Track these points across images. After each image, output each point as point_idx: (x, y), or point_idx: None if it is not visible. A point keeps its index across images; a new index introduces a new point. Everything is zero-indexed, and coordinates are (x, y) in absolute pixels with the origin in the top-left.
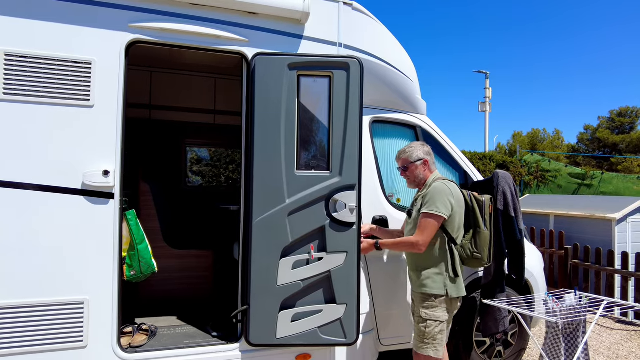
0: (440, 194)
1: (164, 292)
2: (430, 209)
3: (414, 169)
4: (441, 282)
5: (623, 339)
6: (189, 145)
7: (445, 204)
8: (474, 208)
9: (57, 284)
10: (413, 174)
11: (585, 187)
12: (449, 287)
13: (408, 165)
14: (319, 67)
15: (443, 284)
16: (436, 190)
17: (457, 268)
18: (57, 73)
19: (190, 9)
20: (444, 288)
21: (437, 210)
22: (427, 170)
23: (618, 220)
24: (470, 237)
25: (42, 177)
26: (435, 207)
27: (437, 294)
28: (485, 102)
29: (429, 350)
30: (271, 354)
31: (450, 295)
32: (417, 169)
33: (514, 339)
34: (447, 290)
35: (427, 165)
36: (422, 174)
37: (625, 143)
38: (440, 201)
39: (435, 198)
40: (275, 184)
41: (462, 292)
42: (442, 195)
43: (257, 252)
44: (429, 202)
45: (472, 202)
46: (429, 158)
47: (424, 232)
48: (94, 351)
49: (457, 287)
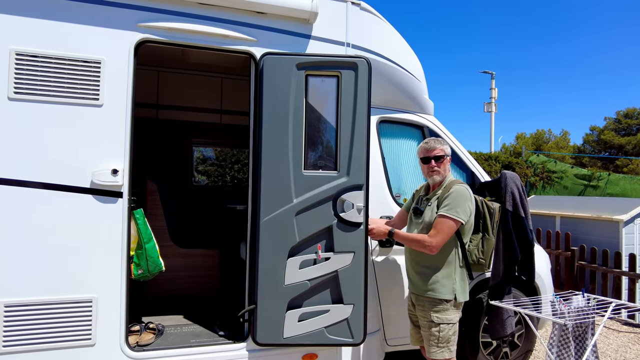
0: (464, 199)
1: (171, 291)
2: (450, 212)
3: (446, 163)
4: (450, 286)
5: (630, 341)
6: (195, 145)
7: (465, 210)
8: (485, 214)
9: (66, 282)
10: (444, 167)
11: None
12: (457, 291)
13: (443, 158)
14: (326, 66)
15: (452, 289)
16: (459, 194)
17: (464, 272)
18: (67, 72)
19: (199, 9)
20: (452, 293)
21: (457, 215)
22: (448, 169)
23: (625, 221)
24: (478, 242)
25: (52, 175)
26: (456, 211)
27: (447, 299)
28: (490, 102)
29: (444, 353)
30: (278, 354)
31: (458, 300)
32: (447, 164)
33: (520, 340)
34: (456, 294)
35: (449, 163)
36: (446, 171)
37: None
38: (462, 206)
39: (459, 202)
40: (282, 184)
41: (467, 296)
42: (465, 200)
43: (264, 252)
44: (451, 205)
45: (484, 208)
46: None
47: (440, 234)
48: (102, 349)
49: (463, 291)
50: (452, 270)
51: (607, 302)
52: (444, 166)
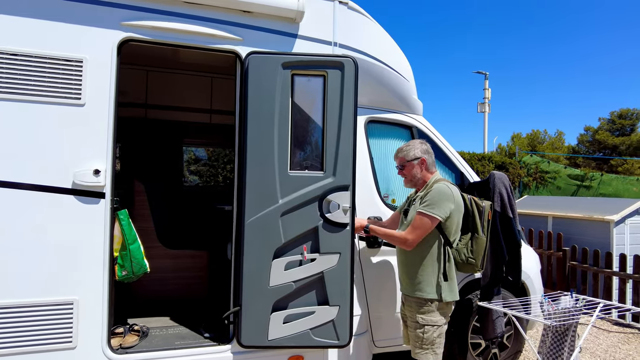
0: (442, 196)
1: (158, 292)
2: (427, 209)
3: (411, 168)
4: (435, 285)
5: (620, 341)
6: (184, 145)
7: (443, 208)
8: (474, 213)
9: (46, 284)
10: (410, 173)
11: (585, 188)
12: (443, 290)
13: (405, 164)
14: (313, 66)
15: (437, 288)
16: (438, 191)
17: (452, 271)
18: (48, 71)
19: (184, 7)
20: (438, 292)
21: (433, 212)
22: (425, 171)
23: (616, 222)
24: (467, 241)
25: (32, 176)
26: (433, 208)
27: (433, 299)
28: (484, 102)
29: (428, 355)
30: (263, 356)
31: (445, 300)
32: (414, 169)
33: (509, 341)
34: (442, 294)
35: (425, 165)
36: (419, 174)
37: (625, 145)
38: (439, 203)
39: (435, 199)
40: (268, 184)
41: (455, 296)
42: (442, 198)
43: (249, 253)
44: (428, 202)
45: (472, 206)
46: (427, 157)
47: (415, 231)
48: (84, 352)
49: (451, 290)
50: (438, 270)
51: (595, 302)
52: (410, 172)
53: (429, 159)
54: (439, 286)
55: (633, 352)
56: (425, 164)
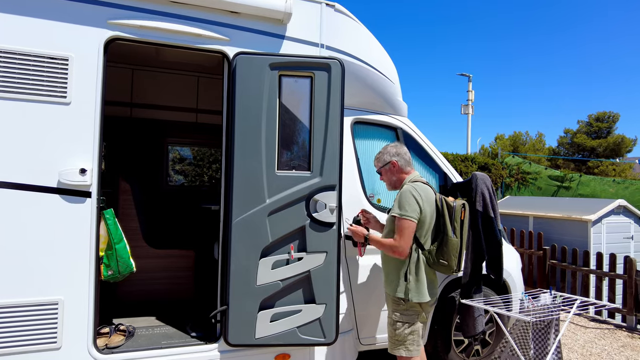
0: (406, 197)
1: (145, 292)
2: (399, 213)
3: (385, 173)
4: (403, 285)
5: (597, 336)
6: (170, 144)
7: (412, 206)
8: (444, 213)
9: (30, 284)
10: (386, 177)
11: (564, 189)
12: (410, 291)
13: (380, 170)
14: (300, 67)
15: (405, 288)
16: (402, 194)
17: (421, 273)
18: (33, 69)
19: (171, 7)
20: (406, 292)
21: (405, 214)
22: (399, 173)
23: (593, 221)
24: (438, 243)
25: (17, 174)
26: (405, 210)
27: (403, 297)
28: (468, 104)
29: (400, 350)
30: (250, 354)
31: (411, 300)
32: (387, 172)
33: (491, 338)
34: (409, 294)
35: (396, 167)
36: (394, 177)
37: (602, 147)
38: (406, 205)
39: (402, 202)
40: (255, 184)
41: (423, 297)
42: (406, 198)
43: (236, 252)
44: (397, 206)
45: (443, 207)
46: (397, 159)
47: (401, 237)
48: (68, 352)
49: (418, 292)
50: (406, 270)
51: (572, 299)
52: (387, 176)
53: (401, 161)
54: (406, 286)
55: (608, 347)
56: (397, 166)
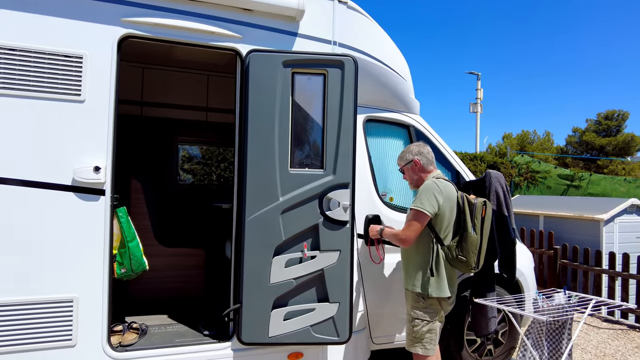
0: (428, 191)
1: (155, 290)
2: (415, 204)
3: (407, 171)
4: (422, 280)
5: (610, 337)
6: (180, 143)
7: (430, 201)
8: (464, 210)
9: (46, 282)
10: (408, 175)
11: (574, 188)
12: (430, 286)
13: (403, 169)
14: (313, 64)
15: (424, 283)
16: (424, 187)
17: (441, 268)
18: (48, 67)
19: (185, 4)
20: (425, 287)
21: (420, 206)
22: (420, 171)
23: (606, 220)
24: (457, 239)
25: (32, 172)
26: (421, 202)
27: (422, 293)
28: (476, 103)
29: (417, 348)
30: (263, 353)
31: (430, 295)
32: (409, 171)
33: (504, 337)
34: (428, 289)
35: (418, 166)
36: (416, 175)
37: (611, 146)
38: (425, 197)
39: (421, 194)
40: (268, 182)
41: (444, 292)
42: (428, 192)
43: (249, 251)
44: (416, 198)
45: (464, 204)
46: (420, 157)
47: (408, 227)
48: (83, 350)
49: (437, 286)
50: (427, 265)
51: (587, 299)
52: (408, 174)
53: (423, 160)
54: (426, 281)
55: (622, 347)
56: (419, 165)
